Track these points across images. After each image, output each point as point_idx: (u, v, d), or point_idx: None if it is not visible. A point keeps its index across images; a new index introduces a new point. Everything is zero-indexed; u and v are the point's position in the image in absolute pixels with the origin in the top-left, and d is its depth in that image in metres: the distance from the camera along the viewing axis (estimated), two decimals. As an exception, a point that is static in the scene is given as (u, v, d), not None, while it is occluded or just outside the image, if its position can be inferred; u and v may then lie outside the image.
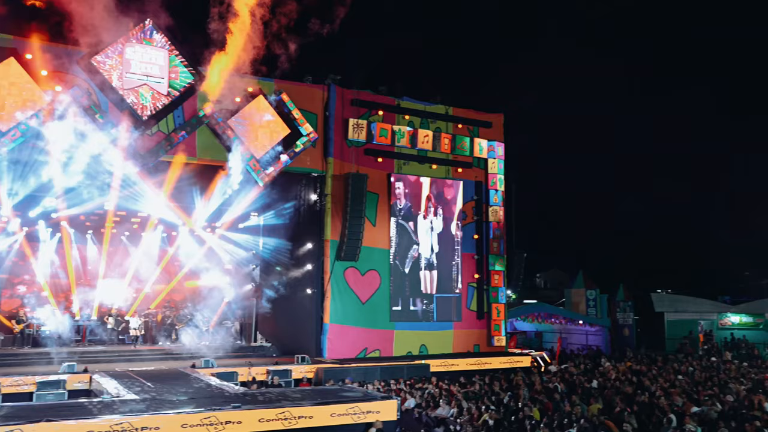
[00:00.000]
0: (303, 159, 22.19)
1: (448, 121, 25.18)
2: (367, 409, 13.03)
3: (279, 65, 22.23)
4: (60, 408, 12.11)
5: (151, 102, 19.67)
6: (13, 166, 18.86)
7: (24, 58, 18.32)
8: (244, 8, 19.62)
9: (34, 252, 23.04)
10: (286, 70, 22.54)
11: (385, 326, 23.27)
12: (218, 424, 11.66)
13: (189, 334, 24.22)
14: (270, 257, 24.18)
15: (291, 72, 22.73)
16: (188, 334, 24.21)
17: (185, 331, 24.20)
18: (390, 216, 23.77)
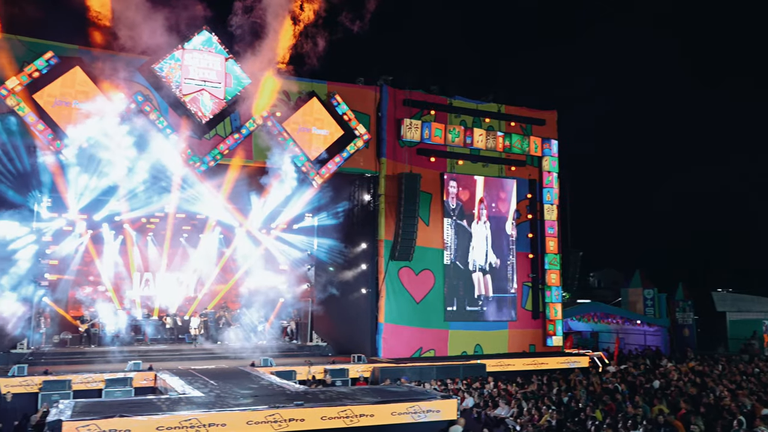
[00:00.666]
0: (356, 160, 22.36)
1: (500, 119, 25.01)
2: (427, 408, 13.05)
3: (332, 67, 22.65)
4: (130, 404, 12.51)
5: (208, 106, 20.12)
6: (80, 171, 19.52)
7: (88, 67, 18.99)
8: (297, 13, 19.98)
9: (98, 254, 23.81)
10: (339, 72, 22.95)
11: (439, 326, 23.24)
12: (282, 421, 11.86)
13: (246, 333, 24.69)
14: (324, 257, 24.43)
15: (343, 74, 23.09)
16: (245, 333, 24.68)
17: (242, 331, 24.66)
18: (443, 216, 23.74)
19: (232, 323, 24.72)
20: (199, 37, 20.21)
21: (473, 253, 24.14)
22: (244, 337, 24.39)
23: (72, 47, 18.97)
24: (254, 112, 20.83)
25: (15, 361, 18.88)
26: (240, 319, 24.94)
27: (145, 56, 19.57)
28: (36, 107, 18.29)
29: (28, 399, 16.16)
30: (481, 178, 24.51)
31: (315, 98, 21.76)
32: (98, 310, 23.40)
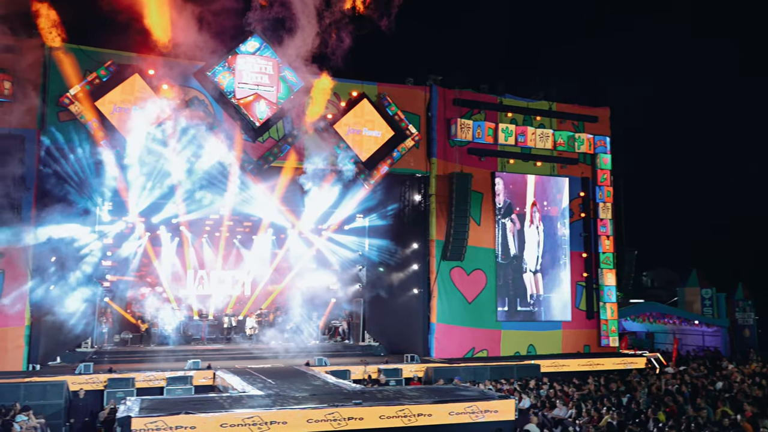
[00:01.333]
0: (407, 160, 22.42)
1: (551, 117, 24.72)
2: (485, 408, 13.02)
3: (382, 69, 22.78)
4: (193, 402, 12.84)
5: (261, 110, 20.45)
6: (139, 175, 20.09)
7: (147, 74, 19.54)
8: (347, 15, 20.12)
9: (156, 255, 24.48)
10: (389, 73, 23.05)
11: (491, 326, 23.11)
12: (341, 420, 12.01)
13: (299, 333, 25.04)
14: (376, 258, 24.56)
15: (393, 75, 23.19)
16: (298, 333, 25.03)
17: (295, 331, 25.01)
18: (494, 215, 23.60)
19: (285, 323, 25.07)
20: (252, 42, 20.56)
21: (525, 253, 23.94)
22: (297, 337, 24.75)
23: (131, 55, 19.52)
24: (306, 114, 21.08)
25: (80, 359, 19.60)
26: (293, 319, 25.28)
27: (200, 62, 20.01)
28: (98, 114, 18.91)
29: (94, 396, 16.75)
30: (533, 176, 24.27)
31: (366, 100, 21.90)
32: (157, 310, 24.08)
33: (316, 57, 21.67)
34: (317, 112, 21.09)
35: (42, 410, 15.07)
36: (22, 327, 18.10)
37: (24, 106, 18.43)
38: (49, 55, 18.89)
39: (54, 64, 18.86)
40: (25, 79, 18.51)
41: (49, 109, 18.75)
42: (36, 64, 18.77)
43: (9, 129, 18.09)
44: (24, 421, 12.86)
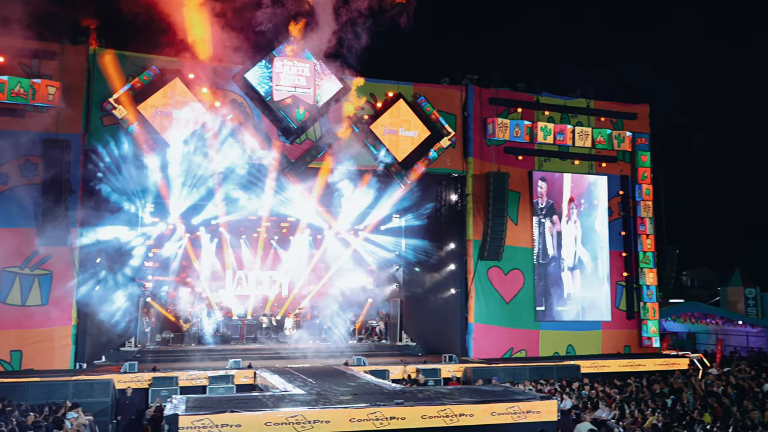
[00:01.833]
0: (443, 160, 22.38)
1: (589, 114, 24.44)
2: (527, 409, 12.95)
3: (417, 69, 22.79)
4: (237, 400, 13.03)
5: (299, 112, 20.64)
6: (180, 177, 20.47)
7: (187, 78, 19.88)
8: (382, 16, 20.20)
9: (196, 256, 24.87)
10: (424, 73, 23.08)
11: (530, 326, 22.93)
12: (383, 419, 12.06)
13: (336, 333, 25.20)
14: (413, 258, 24.58)
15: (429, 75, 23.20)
16: (335, 333, 25.18)
17: (333, 331, 25.18)
18: (532, 214, 23.42)
19: (322, 323, 25.26)
20: (289, 45, 20.76)
21: (563, 252, 23.70)
22: (334, 337, 24.91)
23: (171, 60, 19.87)
24: (343, 115, 21.25)
25: (124, 358, 20.02)
26: (330, 320, 25.45)
27: (239, 65, 20.29)
28: (140, 118, 19.30)
29: (139, 394, 17.11)
30: (570, 175, 24.03)
31: (402, 100, 21.95)
32: (197, 310, 24.49)
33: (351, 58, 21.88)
34: (354, 113, 21.26)
35: (90, 408, 15.44)
36: (69, 326, 18.55)
37: (69, 111, 18.94)
38: (93, 61, 19.35)
39: (98, 69, 19.31)
40: (70, 84, 19.00)
41: (93, 114, 19.19)
42: (80, 70, 19.24)
43: (55, 134, 18.56)
44: (74, 418, 13.20)
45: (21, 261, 18.37)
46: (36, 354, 18.16)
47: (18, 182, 18.54)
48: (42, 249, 18.47)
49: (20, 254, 18.36)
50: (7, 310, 18.14)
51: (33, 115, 18.74)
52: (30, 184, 18.52)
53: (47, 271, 18.53)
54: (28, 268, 18.41)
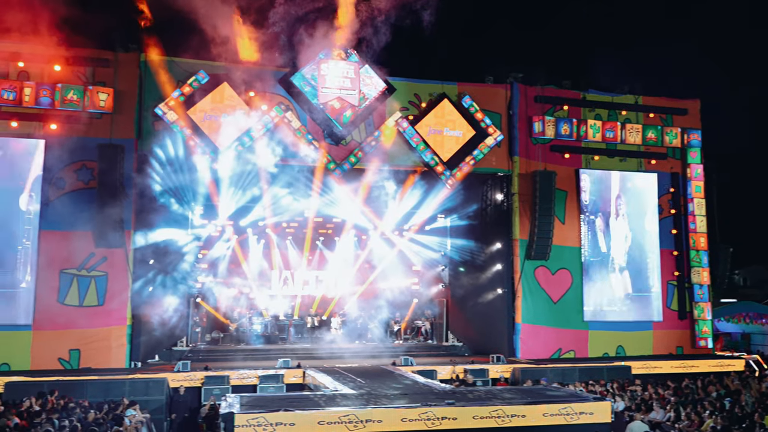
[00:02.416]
0: (488, 159, 22.27)
1: (638, 111, 23.97)
2: (580, 410, 12.79)
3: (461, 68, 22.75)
4: (290, 399, 13.21)
5: (344, 113, 20.81)
6: (229, 180, 20.86)
7: (235, 82, 20.23)
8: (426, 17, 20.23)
9: (244, 257, 25.27)
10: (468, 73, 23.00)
11: (578, 326, 22.62)
12: (435, 419, 12.06)
13: (382, 333, 25.30)
14: (458, 258, 24.53)
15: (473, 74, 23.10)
16: (381, 333, 25.29)
17: (378, 331, 25.29)
18: (579, 213, 23.11)
19: (368, 323, 25.39)
20: (334, 47, 20.90)
21: (612, 251, 23.31)
22: (380, 337, 25.04)
23: (219, 65, 20.22)
24: (387, 116, 21.34)
25: (176, 357, 20.51)
26: (376, 319, 25.56)
27: (285, 69, 20.56)
28: (190, 122, 19.73)
29: (192, 393, 17.47)
30: (619, 173, 23.62)
31: (446, 100, 21.92)
32: (245, 310, 24.89)
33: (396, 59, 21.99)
34: (398, 114, 21.34)
35: (145, 405, 15.81)
36: (124, 326, 19.06)
37: (122, 116, 19.50)
38: (145, 68, 19.85)
39: (149, 76, 19.79)
40: (123, 91, 19.54)
41: (145, 119, 19.69)
42: (132, 77, 19.75)
43: (109, 139, 19.10)
44: (133, 415, 13.57)
45: (78, 263, 18.95)
46: (93, 353, 18.72)
47: (74, 187, 19.15)
48: (98, 251, 19.03)
49: (77, 256, 18.94)
50: (65, 311, 18.74)
51: (88, 121, 19.33)
52: (86, 189, 19.11)
53: (103, 273, 19.09)
54: (85, 269, 18.98)
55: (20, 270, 18.69)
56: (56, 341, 18.53)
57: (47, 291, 18.69)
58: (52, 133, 19.04)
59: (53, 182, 19.05)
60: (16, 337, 18.37)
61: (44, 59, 19.19)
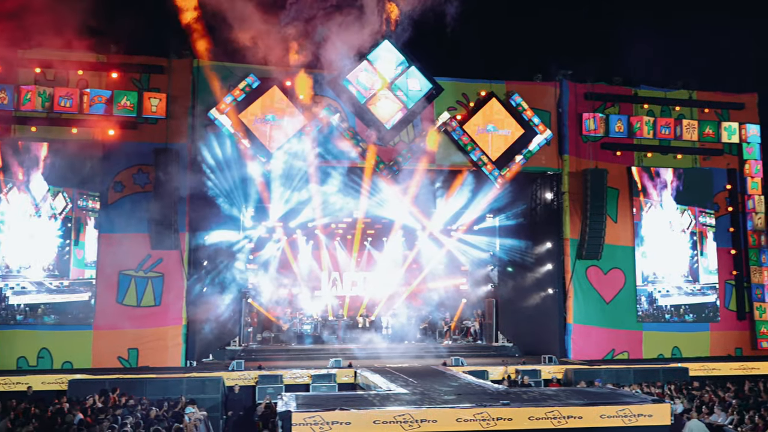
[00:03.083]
0: (538, 158, 22.03)
1: (692, 106, 23.37)
2: (638, 412, 12.50)
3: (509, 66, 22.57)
4: (344, 398, 13.30)
5: (392, 114, 20.86)
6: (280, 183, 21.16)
7: (285, 86, 20.52)
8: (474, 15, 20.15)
9: (294, 258, 25.61)
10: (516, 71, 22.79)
11: (632, 327, 22.19)
12: (490, 420, 11.97)
13: (430, 333, 25.29)
14: (507, 258, 24.34)
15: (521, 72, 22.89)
16: (430, 333, 25.29)
17: (427, 331, 25.29)
18: (632, 212, 22.66)
19: (417, 324, 25.42)
20: (382, 48, 21.02)
21: (666, 250, 22.76)
22: (429, 337, 25.03)
23: (269, 68, 20.53)
24: (435, 116, 21.33)
25: (230, 357, 20.92)
26: (424, 320, 25.57)
27: (334, 71, 20.73)
28: (242, 126, 20.09)
29: (246, 391, 17.79)
30: (671, 170, 23.07)
31: (494, 99, 21.77)
32: (296, 310, 25.21)
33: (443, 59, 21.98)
34: (446, 114, 21.30)
35: (202, 403, 16.13)
36: (180, 326, 19.54)
37: (176, 121, 19.98)
38: (197, 73, 20.30)
39: (201, 81, 20.24)
40: (176, 96, 20.03)
41: (198, 124, 20.12)
42: (186, 82, 20.22)
43: (164, 143, 19.59)
44: (192, 413, 13.90)
45: (136, 264, 19.50)
46: (151, 352, 19.24)
47: (132, 190, 19.72)
48: (154, 253, 19.55)
49: (135, 258, 19.51)
50: (124, 311, 19.31)
51: (143, 126, 19.91)
52: (142, 192, 19.66)
53: (159, 274, 19.59)
54: (142, 270, 19.52)
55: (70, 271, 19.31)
56: (116, 340, 19.12)
57: (107, 292, 19.31)
58: (110, 139, 19.65)
59: (111, 186, 19.65)
60: (78, 336, 19.02)
61: (101, 67, 19.86)
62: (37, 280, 19.07)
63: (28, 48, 19.34)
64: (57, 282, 19.17)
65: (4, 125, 19.21)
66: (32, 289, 19.01)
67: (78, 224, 19.46)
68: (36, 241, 19.15)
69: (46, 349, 18.74)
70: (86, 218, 19.52)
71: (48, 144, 19.37)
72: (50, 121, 19.36)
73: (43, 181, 19.29)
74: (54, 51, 19.49)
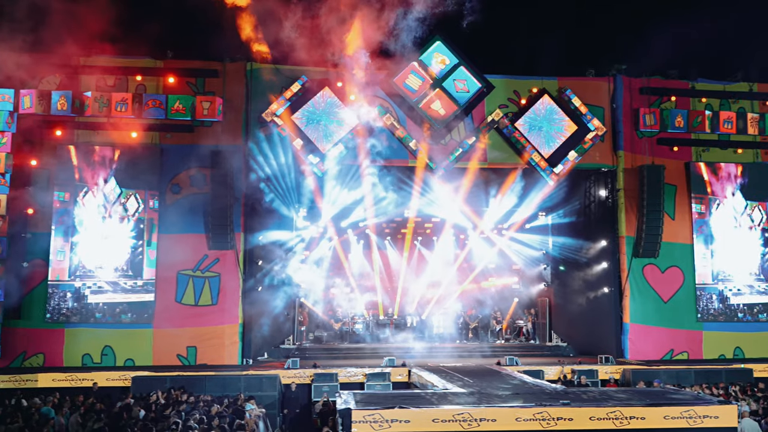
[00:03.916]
0: (592, 155, 21.68)
1: (753, 99, 22.64)
2: (703, 414, 12.18)
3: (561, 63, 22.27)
4: (403, 397, 13.35)
5: (443, 113, 20.82)
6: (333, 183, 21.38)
7: (336, 86, 20.70)
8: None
9: (345, 257, 25.78)
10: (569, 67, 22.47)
11: (691, 327, 21.64)
12: (550, 419, 11.84)
13: (482, 332, 25.13)
14: (560, 256, 24.03)
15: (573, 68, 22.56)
16: (482, 332, 25.13)
17: (479, 330, 25.14)
18: (690, 208, 22.08)
19: (470, 323, 25.29)
20: (432, 46, 21.01)
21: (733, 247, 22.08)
22: (481, 336, 24.89)
23: (321, 70, 20.74)
24: (486, 114, 21.21)
25: (284, 355, 21.22)
26: (476, 319, 25.43)
27: (384, 71, 20.81)
28: (294, 127, 20.35)
29: (301, 389, 18.03)
30: (732, 165, 22.39)
31: (546, 95, 21.53)
32: (347, 309, 25.37)
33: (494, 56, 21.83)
34: (498, 112, 21.16)
35: (259, 401, 16.39)
36: (236, 325, 19.91)
37: (231, 124, 20.37)
38: (250, 76, 20.64)
39: (255, 83, 20.58)
40: (231, 99, 20.42)
41: (252, 125, 20.46)
42: (239, 85, 20.61)
43: (220, 146, 19.98)
44: (252, 409, 14.16)
45: (193, 264, 19.97)
46: (208, 350, 19.67)
47: (189, 192, 20.21)
48: (211, 253, 19.99)
49: (193, 258, 19.98)
50: (182, 310, 19.79)
51: (199, 129, 20.36)
52: (199, 193, 20.13)
53: (216, 273, 20.01)
54: (199, 270, 19.98)
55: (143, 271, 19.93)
56: (175, 338, 19.61)
57: (166, 291, 19.83)
58: (167, 142, 20.19)
59: (169, 188, 20.16)
60: (140, 334, 19.57)
61: (158, 72, 20.37)
62: (112, 279, 19.73)
63: (89, 56, 19.97)
64: (131, 282, 19.78)
65: (68, 131, 19.90)
66: (108, 288, 19.71)
67: (150, 225, 20.06)
68: (109, 242, 19.86)
69: (110, 347, 19.34)
70: (157, 219, 20.08)
71: (113, 148, 20.00)
72: (111, 126, 19.97)
73: (116, 184, 19.97)
74: (113, 57, 20.17)
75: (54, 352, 19.16)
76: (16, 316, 19.17)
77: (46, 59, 19.31)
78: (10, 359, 18.85)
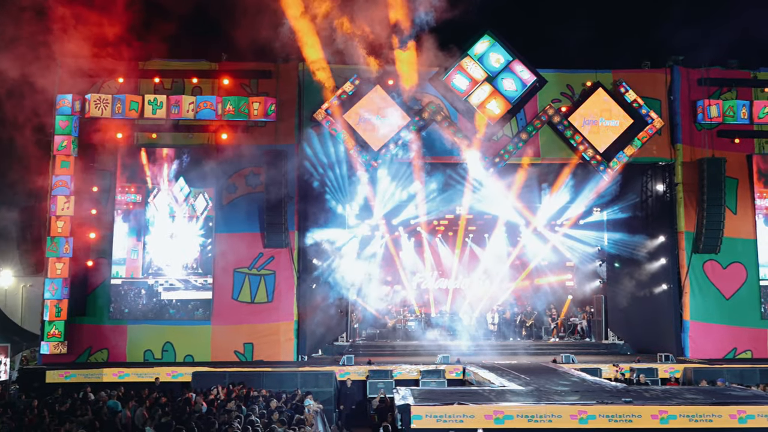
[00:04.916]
0: (649, 148, 21.18)
1: (818, 88, 21.79)
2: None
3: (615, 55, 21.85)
4: (461, 393, 13.36)
5: (496, 109, 20.64)
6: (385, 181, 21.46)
7: (387, 84, 20.75)
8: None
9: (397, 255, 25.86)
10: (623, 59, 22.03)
11: (755, 324, 20.91)
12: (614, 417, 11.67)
13: (537, 330, 24.85)
14: (616, 252, 23.53)
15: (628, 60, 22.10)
16: (536, 330, 24.85)
17: (534, 327, 24.87)
18: (753, 202, 21.37)
19: (524, 320, 25.06)
20: (483, 42, 20.84)
21: (792, 239, 21.34)
22: (534, 334, 24.61)
23: (371, 68, 20.78)
24: (539, 109, 20.95)
25: (338, 352, 21.38)
26: (530, 316, 25.17)
27: (435, 68, 20.77)
28: (347, 125, 20.49)
29: (357, 385, 18.15)
30: (802, 157, 21.58)
31: (601, 89, 21.12)
32: (400, 307, 25.44)
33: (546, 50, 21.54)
34: (551, 106, 20.88)
35: (315, 396, 16.59)
36: (291, 322, 20.15)
37: (284, 123, 20.64)
38: (303, 76, 20.86)
39: (307, 83, 20.77)
40: (283, 99, 20.68)
41: (305, 125, 20.69)
42: (292, 86, 20.86)
43: (274, 145, 20.29)
44: (310, 405, 14.34)
45: (249, 262, 20.31)
46: (265, 346, 19.96)
47: (244, 191, 20.56)
48: (266, 251, 20.29)
49: (248, 256, 20.32)
50: (239, 307, 20.15)
51: (253, 129, 20.68)
52: (254, 193, 20.47)
53: (271, 271, 20.30)
54: (255, 268, 20.30)
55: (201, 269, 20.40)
56: (232, 335, 19.97)
57: (223, 289, 20.23)
58: (223, 143, 20.52)
59: (225, 187, 20.55)
60: (198, 331, 20.02)
61: (213, 74, 20.77)
62: (182, 277, 20.26)
63: (147, 59, 20.52)
64: (201, 279, 20.27)
65: (128, 133, 20.47)
66: (180, 286, 20.27)
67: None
68: (178, 240, 20.44)
69: (170, 343, 19.84)
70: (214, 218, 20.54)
71: (176, 149, 20.58)
72: (171, 128, 20.44)
73: (185, 183, 20.52)
74: (170, 61, 20.66)
75: (117, 347, 19.77)
76: (81, 313, 19.84)
77: (107, 64, 19.98)
78: (76, 354, 19.54)
